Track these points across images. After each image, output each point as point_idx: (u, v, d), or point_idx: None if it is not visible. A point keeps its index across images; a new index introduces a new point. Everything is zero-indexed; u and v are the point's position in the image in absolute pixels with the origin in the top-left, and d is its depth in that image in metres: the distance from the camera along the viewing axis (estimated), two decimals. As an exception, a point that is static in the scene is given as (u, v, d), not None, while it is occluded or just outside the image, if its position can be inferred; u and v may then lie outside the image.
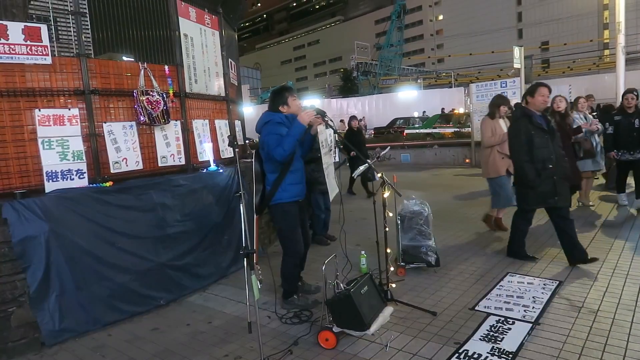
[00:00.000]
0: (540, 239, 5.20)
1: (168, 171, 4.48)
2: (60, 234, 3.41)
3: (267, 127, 3.53)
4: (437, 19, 66.67)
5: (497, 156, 5.34)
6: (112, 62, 4.23)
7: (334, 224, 5.85)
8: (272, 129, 3.49)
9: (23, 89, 3.58)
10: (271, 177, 3.59)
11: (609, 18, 47.19)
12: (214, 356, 3.04)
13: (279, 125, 3.50)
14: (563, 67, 36.23)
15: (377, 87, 39.87)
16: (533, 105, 4.32)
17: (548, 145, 4.18)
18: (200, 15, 5.05)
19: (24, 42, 3.51)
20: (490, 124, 5.50)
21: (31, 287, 3.27)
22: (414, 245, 4.29)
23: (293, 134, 3.36)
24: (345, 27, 78.40)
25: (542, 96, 4.25)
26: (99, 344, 3.34)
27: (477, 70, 41.56)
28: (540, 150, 4.16)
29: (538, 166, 4.16)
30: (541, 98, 4.26)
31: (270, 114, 3.62)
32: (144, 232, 3.94)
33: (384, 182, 3.56)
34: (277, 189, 3.54)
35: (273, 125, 3.51)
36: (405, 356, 2.86)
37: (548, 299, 3.56)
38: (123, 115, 4.17)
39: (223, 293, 4.22)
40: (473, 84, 13.49)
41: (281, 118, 3.55)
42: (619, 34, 8.92)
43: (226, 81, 5.60)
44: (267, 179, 3.62)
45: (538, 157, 4.16)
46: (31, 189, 3.55)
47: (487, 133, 5.45)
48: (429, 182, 10.59)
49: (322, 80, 72.42)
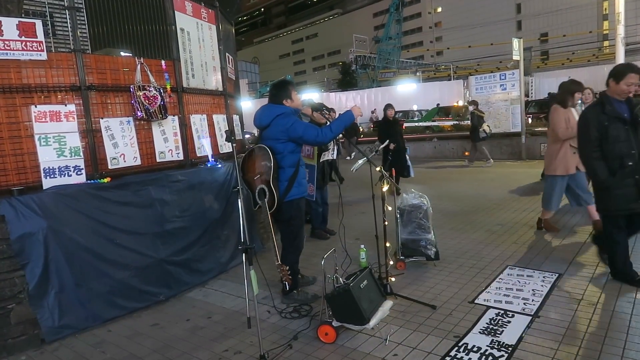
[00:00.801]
0: (538, 234, 5.20)
1: (166, 167, 4.46)
2: (59, 231, 3.40)
3: (287, 118, 3.46)
4: (436, 11, 66.32)
5: (569, 151, 4.76)
6: (109, 58, 4.19)
7: (332, 218, 5.85)
8: (295, 118, 3.49)
9: (19, 85, 3.55)
10: (289, 172, 3.49)
11: (608, 9, 47.00)
12: (214, 351, 3.04)
13: (294, 115, 3.50)
14: (562, 58, 36.12)
15: (376, 81, 39.73)
16: (614, 91, 3.54)
17: (628, 139, 3.46)
18: (197, 9, 5.01)
19: (19, 37, 3.47)
20: (563, 113, 4.80)
21: (30, 284, 3.27)
22: (413, 239, 4.29)
23: (344, 120, 3.42)
24: (343, 20, 77.99)
25: (628, 85, 3.44)
26: (99, 340, 3.35)
27: (476, 63, 41.41)
28: (617, 144, 3.45)
29: (614, 164, 3.46)
30: (626, 87, 3.46)
31: (280, 106, 3.55)
32: (143, 228, 3.94)
33: (382, 175, 3.55)
34: (293, 184, 3.50)
35: (291, 116, 3.49)
36: (405, 350, 2.86)
37: (547, 291, 3.56)
38: (120, 110, 4.14)
39: (222, 288, 4.22)
40: (472, 77, 13.49)
41: (292, 110, 3.54)
42: (618, 25, 8.88)
43: (224, 76, 5.57)
44: (282, 174, 3.50)
45: (613, 153, 3.46)
46: (28, 186, 3.53)
47: (561, 124, 4.74)
48: (428, 175, 10.58)
49: (320, 73, 72.12)
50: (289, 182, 3.48)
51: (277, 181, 3.47)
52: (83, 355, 3.13)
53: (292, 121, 3.43)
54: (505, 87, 12.20)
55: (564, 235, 5.01)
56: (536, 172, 9.64)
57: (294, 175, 3.50)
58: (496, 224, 5.69)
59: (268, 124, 3.52)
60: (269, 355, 2.84)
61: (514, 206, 6.61)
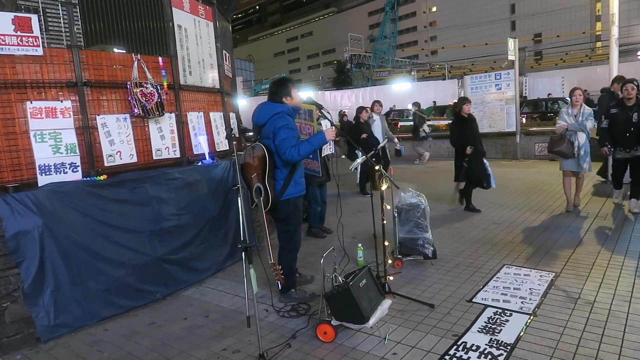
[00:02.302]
0: (534, 233, 5.23)
1: (163, 164, 4.43)
2: (54, 229, 3.36)
3: (280, 120, 3.38)
4: (431, 11, 66.51)
5: None
6: (105, 54, 4.15)
7: (330, 216, 5.85)
8: (287, 122, 3.38)
9: (14, 81, 3.50)
10: (284, 171, 3.47)
11: (601, 10, 47.31)
12: (212, 350, 3.02)
13: (289, 117, 3.44)
14: (556, 59, 36.31)
15: (370, 79, 39.71)
16: None
17: None
18: (194, 6, 4.97)
19: (14, 32, 3.43)
20: None
21: (25, 282, 3.23)
22: (411, 238, 4.29)
23: (313, 144, 3.32)
24: (338, 18, 77.98)
25: None
26: (96, 339, 3.31)
27: (471, 62, 41.55)
28: None
29: None
30: None
31: (278, 105, 3.49)
32: (140, 226, 3.90)
33: (381, 174, 3.55)
34: (289, 183, 3.47)
35: (286, 118, 3.40)
36: (404, 348, 2.86)
37: (545, 290, 3.58)
38: (116, 107, 4.10)
39: (220, 287, 4.20)
40: (468, 76, 13.50)
41: (289, 110, 3.48)
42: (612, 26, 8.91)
43: (221, 73, 5.54)
44: (279, 173, 3.48)
45: None
46: (24, 183, 3.48)
47: None
48: (424, 174, 10.60)
49: (315, 72, 72.08)
50: (285, 181, 3.46)
51: (273, 180, 3.44)
52: (79, 354, 3.10)
53: (281, 124, 3.35)
54: (501, 86, 12.22)
55: (560, 234, 5.04)
56: (531, 171, 9.71)
57: (291, 174, 3.47)
58: (492, 223, 5.71)
59: (265, 122, 3.47)
60: (268, 354, 2.82)
61: (510, 205, 6.63)
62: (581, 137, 5.81)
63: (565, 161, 6.02)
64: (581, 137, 5.81)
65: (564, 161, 6.04)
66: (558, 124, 6.06)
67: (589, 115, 5.84)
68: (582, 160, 5.82)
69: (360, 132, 7.84)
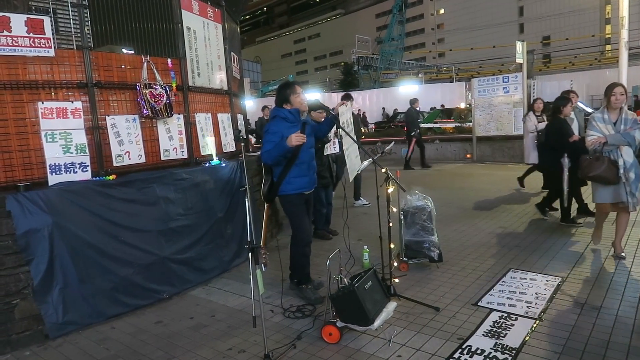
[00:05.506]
0: (541, 238, 5.21)
1: (171, 165, 4.47)
2: (64, 227, 3.40)
3: (271, 124, 3.64)
4: (438, 13, 66.38)
5: None
6: (115, 55, 4.21)
7: (335, 218, 5.86)
8: (275, 127, 3.58)
9: (26, 82, 3.56)
10: (277, 169, 3.66)
11: (610, 13, 46.97)
12: (218, 349, 3.04)
13: (283, 120, 3.61)
14: (565, 62, 36.07)
15: (378, 82, 39.69)
16: None
17: None
18: (203, 8, 5.02)
19: (27, 34, 3.48)
20: None
21: (35, 280, 3.27)
22: (416, 241, 4.29)
23: (278, 149, 3.47)
24: (345, 20, 77.99)
25: None
26: (103, 336, 3.35)
27: (478, 65, 41.38)
28: None
29: None
30: None
31: (276, 109, 3.71)
32: (147, 226, 3.94)
33: (388, 177, 3.55)
34: (282, 181, 3.63)
35: (277, 123, 3.61)
36: (408, 351, 2.87)
37: (551, 295, 3.56)
38: (126, 108, 4.15)
39: (226, 287, 4.22)
40: (475, 79, 13.43)
41: (285, 114, 3.64)
42: (622, 29, 8.85)
43: (229, 74, 5.57)
44: (274, 171, 3.70)
45: None
46: (34, 182, 3.54)
47: None
48: (430, 177, 10.58)
49: (322, 74, 72.08)
50: (279, 178, 3.65)
51: (269, 175, 3.73)
52: (87, 352, 3.13)
53: (268, 127, 3.62)
54: (508, 89, 12.16)
55: (567, 239, 5.02)
56: (538, 175, 9.64)
57: (283, 173, 3.63)
58: (499, 227, 5.69)
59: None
60: (273, 354, 2.84)
61: (517, 209, 6.61)
62: (627, 153, 4.11)
63: (603, 190, 4.23)
64: (627, 154, 4.11)
65: (601, 190, 4.25)
66: (590, 137, 4.24)
67: (634, 122, 4.12)
68: (632, 186, 4.08)
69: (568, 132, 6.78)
